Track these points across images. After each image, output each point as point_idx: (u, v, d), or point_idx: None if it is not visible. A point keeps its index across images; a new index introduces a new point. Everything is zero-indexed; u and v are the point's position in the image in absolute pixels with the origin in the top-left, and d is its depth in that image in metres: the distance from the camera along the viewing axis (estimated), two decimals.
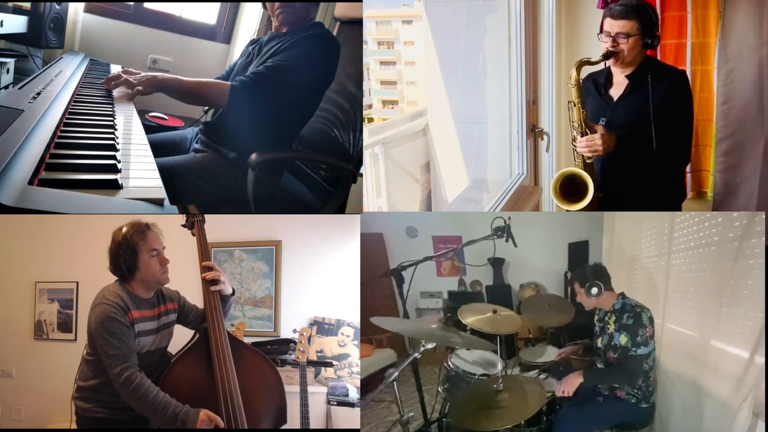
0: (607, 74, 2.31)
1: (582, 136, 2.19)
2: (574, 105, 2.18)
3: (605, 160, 2.23)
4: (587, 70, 2.31)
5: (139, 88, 2.33)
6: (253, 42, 2.61)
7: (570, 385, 2.01)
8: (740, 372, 1.82)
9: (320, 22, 2.48)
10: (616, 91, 2.28)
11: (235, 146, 2.37)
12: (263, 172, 2.31)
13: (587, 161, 2.22)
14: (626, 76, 2.24)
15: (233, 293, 2.01)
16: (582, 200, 2.17)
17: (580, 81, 2.21)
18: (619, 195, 2.29)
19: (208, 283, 1.92)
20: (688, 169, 3.07)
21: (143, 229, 1.86)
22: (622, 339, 2.04)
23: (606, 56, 2.18)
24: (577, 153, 2.22)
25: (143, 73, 2.39)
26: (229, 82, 2.29)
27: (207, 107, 2.70)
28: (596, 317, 2.27)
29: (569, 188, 2.22)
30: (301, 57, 2.28)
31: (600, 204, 2.25)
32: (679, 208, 2.40)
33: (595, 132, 2.16)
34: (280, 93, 2.28)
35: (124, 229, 1.85)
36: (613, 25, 2.14)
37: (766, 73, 2.72)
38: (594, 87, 2.32)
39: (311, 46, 2.31)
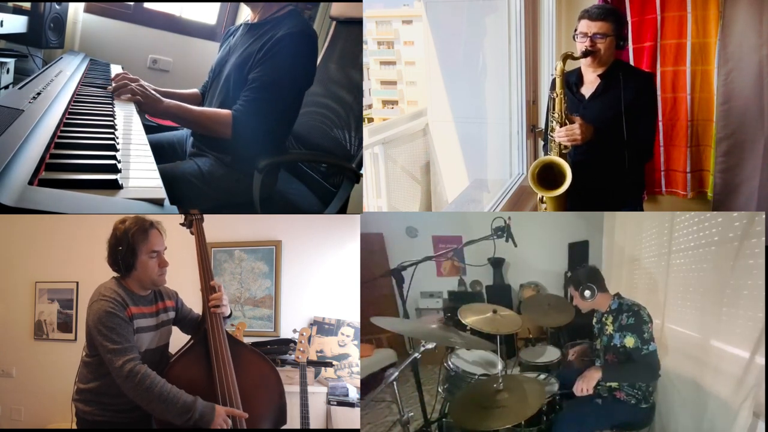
0: (578, 73, 2.39)
1: (561, 127, 2.25)
2: (557, 96, 2.26)
3: (577, 154, 2.30)
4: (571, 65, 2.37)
5: (140, 99, 2.30)
6: (228, 35, 2.60)
7: (588, 381, 2.00)
8: (740, 372, 1.82)
9: (294, 9, 2.42)
10: (587, 90, 2.37)
11: (228, 150, 2.37)
12: (266, 174, 2.31)
13: (563, 151, 2.29)
14: (598, 76, 2.33)
15: (230, 315, 1.99)
16: (558, 188, 2.23)
17: (564, 73, 2.27)
18: (587, 188, 2.34)
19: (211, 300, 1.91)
20: (687, 168, 3.08)
21: (146, 227, 1.82)
22: (629, 341, 2.03)
23: (585, 54, 2.27)
24: (555, 143, 2.29)
25: (152, 92, 2.34)
26: (229, 112, 2.27)
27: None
28: (594, 319, 2.27)
29: (546, 177, 2.28)
30: (283, 67, 2.26)
31: (569, 195, 2.28)
32: (640, 200, 2.51)
33: (573, 123, 2.23)
34: (272, 108, 2.28)
35: (127, 224, 1.81)
36: (590, 26, 2.25)
37: (766, 73, 2.72)
38: (566, 85, 2.37)
39: (289, 50, 2.27)
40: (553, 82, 2.29)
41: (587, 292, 2.14)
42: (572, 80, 2.39)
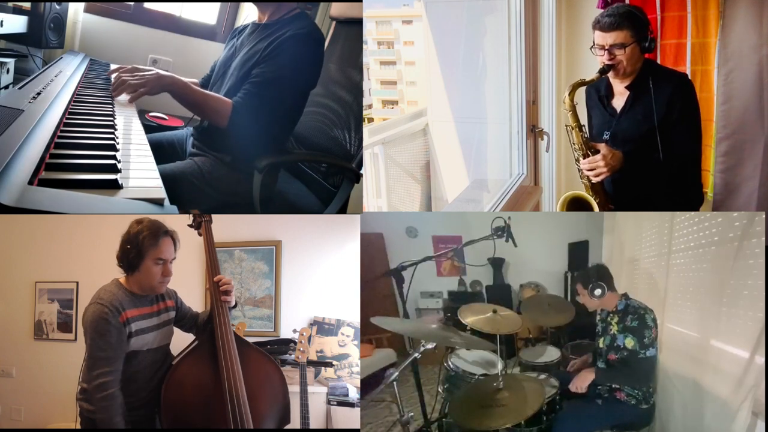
0: (607, 84, 2.22)
1: (584, 158, 2.12)
2: (572, 128, 2.12)
3: (614, 173, 2.14)
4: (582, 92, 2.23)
5: (143, 89, 2.26)
6: (234, 34, 2.60)
7: (583, 380, 2.01)
8: (740, 372, 1.82)
9: (303, 11, 2.42)
10: (618, 102, 2.20)
11: (228, 150, 2.36)
12: (266, 174, 2.31)
13: (593, 181, 2.17)
14: (626, 87, 2.15)
15: (235, 306, 2.01)
16: None
17: (575, 105, 2.13)
18: (634, 206, 2.24)
19: (220, 293, 1.92)
20: None
21: (158, 233, 1.81)
22: (629, 342, 2.03)
23: (604, 71, 2.08)
24: (583, 173, 2.16)
25: (150, 71, 2.33)
26: (230, 101, 2.24)
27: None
28: (598, 317, 2.27)
29: (575, 207, 2.22)
30: (287, 65, 2.25)
31: (616, 207, 2.22)
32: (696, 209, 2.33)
33: (597, 151, 2.09)
34: (273, 106, 2.27)
35: (141, 225, 1.81)
36: (605, 38, 2.03)
37: (766, 73, 2.72)
38: (597, 97, 2.24)
39: (294, 50, 2.26)
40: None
41: (598, 291, 2.11)
42: (602, 92, 2.20)
